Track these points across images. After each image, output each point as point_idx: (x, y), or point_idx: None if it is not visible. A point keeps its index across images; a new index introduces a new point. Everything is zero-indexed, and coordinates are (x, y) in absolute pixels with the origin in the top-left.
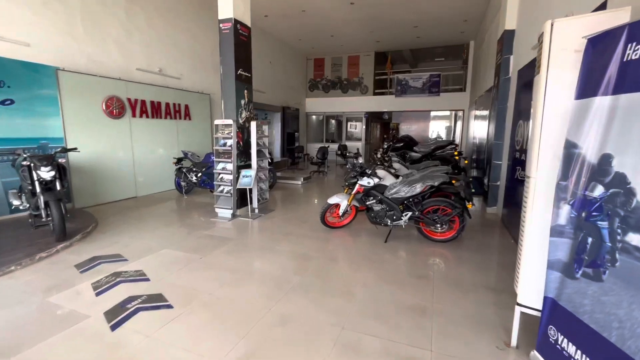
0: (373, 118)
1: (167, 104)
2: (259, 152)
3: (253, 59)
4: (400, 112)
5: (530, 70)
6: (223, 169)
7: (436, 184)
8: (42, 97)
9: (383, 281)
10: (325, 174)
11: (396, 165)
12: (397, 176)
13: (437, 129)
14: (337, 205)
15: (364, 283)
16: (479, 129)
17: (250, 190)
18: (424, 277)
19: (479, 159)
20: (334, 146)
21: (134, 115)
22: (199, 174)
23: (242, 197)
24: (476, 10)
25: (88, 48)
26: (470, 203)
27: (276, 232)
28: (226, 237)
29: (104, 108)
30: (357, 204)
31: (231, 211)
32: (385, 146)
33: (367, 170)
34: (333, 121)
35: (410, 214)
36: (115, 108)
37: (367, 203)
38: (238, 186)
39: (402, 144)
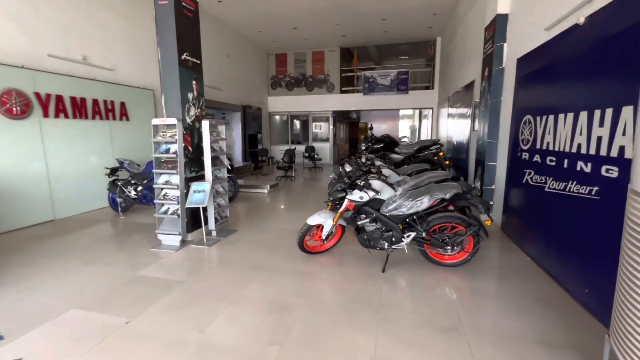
0: (340, 117)
1: (96, 101)
2: (214, 159)
3: (207, 51)
4: (368, 110)
5: (539, 57)
6: (167, 182)
7: (448, 196)
8: None
9: (398, 343)
10: (293, 179)
11: (386, 171)
12: (390, 185)
13: (406, 127)
14: (319, 226)
15: (373, 351)
16: (457, 127)
17: (205, 208)
18: (452, 330)
19: (458, 159)
20: (300, 148)
21: (46, 115)
22: (139, 188)
23: (194, 217)
24: (446, 2)
25: None
26: (489, 219)
27: (241, 266)
28: (170, 280)
29: None
30: (343, 223)
31: (179, 237)
32: (363, 147)
33: (358, 182)
34: (297, 121)
35: (413, 234)
36: (16, 105)
37: (359, 223)
38: (188, 205)
39: (381, 145)
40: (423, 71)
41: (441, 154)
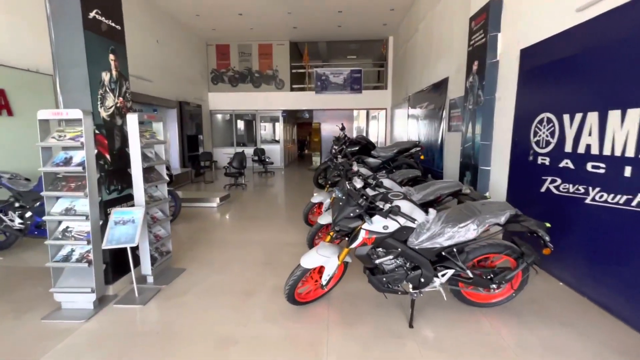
0: (287, 117)
1: None
2: (148, 171)
3: (132, 34)
4: (321, 110)
5: (564, 44)
6: (68, 210)
7: (503, 221)
8: None
9: None
10: (244, 187)
11: (387, 182)
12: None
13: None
14: (318, 268)
15: None
16: (423, 128)
17: (136, 246)
18: None
19: (426, 162)
20: (248, 151)
21: None
22: (28, 214)
23: (117, 261)
24: None
25: None
26: (548, 247)
27: (198, 341)
28: None
29: None
30: (349, 259)
31: (93, 296)
32: (336, 149)
33: (380, 204)
34: (241, 121)
35: (451, 271)
36: None
37: (378, 261)
38: (107, 245)
39: (356, 148)
40: (372, 71)
41: (422, 157)
